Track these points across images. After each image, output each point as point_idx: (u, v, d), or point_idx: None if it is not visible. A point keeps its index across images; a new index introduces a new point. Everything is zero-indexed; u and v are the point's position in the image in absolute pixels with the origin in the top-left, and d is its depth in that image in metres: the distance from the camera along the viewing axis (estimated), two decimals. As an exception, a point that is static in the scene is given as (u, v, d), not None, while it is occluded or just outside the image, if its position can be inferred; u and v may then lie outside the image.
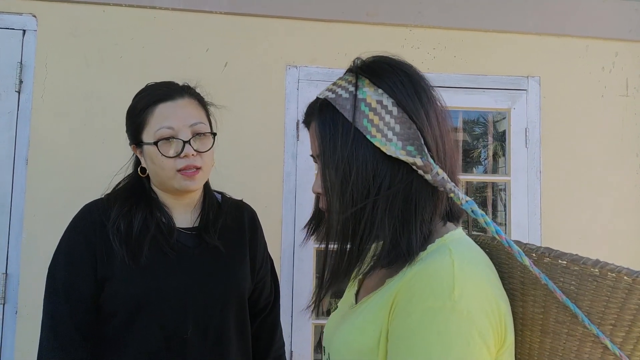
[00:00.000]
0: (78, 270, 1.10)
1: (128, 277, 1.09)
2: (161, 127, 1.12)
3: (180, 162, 1.12)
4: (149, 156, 1.15)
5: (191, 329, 1.11)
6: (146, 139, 1.14)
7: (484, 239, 0.82)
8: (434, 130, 0.71)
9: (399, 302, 0.67)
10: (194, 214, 1.22)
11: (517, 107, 2.05)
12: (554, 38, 2.08)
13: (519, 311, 0.73)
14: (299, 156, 1.92)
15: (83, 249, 1.11)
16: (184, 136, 1.12)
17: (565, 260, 0.67)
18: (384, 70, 0.74)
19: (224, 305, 1.17)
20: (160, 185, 1.18)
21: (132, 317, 1.09)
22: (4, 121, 1.81)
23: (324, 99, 0.75)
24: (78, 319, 1.09)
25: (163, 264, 1.12)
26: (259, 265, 1.29)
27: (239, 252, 1.24)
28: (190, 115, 1.15)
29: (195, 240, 1.18)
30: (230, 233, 1.23)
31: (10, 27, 1.84)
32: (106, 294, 1.10)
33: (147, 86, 1.21)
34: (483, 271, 0.69)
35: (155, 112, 1.13)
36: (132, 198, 1.16)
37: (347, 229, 0.71)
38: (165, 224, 1.16)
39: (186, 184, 1.14)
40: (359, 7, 1.98)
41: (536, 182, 2.02)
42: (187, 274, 1.14)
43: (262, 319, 1.32)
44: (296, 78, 1.94)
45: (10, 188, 1.80)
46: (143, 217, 1.14)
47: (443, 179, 0.70)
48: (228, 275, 1.19)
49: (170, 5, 1.90)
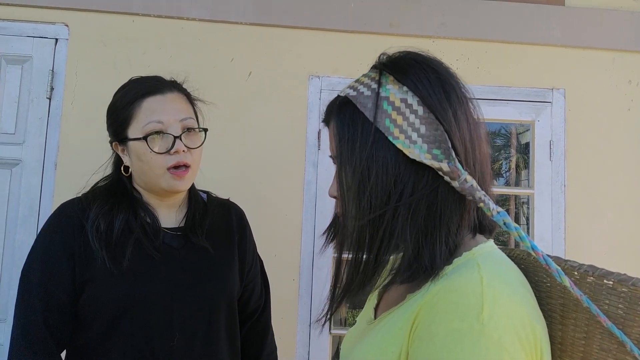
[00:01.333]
0: (54, 272, 1.03)
1: (110, 281, 1.02)
2: (150, 121, 1.05)
3: (170, 158, 1.05)
4: (135, 153, 1.07)
5: (178, 335, 1.04)
6: (132, 134, 1.06)
7: (519, 253, 0.74)
8: (463, 132, 0.65)
9: (421, 321, 0.61)
10: (180, 214, 1.15)
11: (542, 120, 2.02)
12: (579, 50, 2.06)
13: (557, 335, 0.65)
14: (320, 165, 1.93)
15: (60, 250, 1.04)
16: (174, 131, 1.05)
17: (612, 280, 0.59)
18: (410, 66, 0.67)
19: (213, 309, 1.10)
20: (145, 184, 1.10)
21: (114, 324, 1.02)
22: (35, 127, 1.87)
23: (345, 97, 0.69)
24: (53, 324, 1.02)
25: (147, 267, 1.05)
26: (248, 267, 1.22)
27: (228, 253, 1.17)
28: (180, 109, 1.09)
29: (181, 241, 1.11)
30: (218, 233, 1.17)
31: (44, 36, 1.90)
32: (86, 298, 1.03)
33: (131, 80, 1.14)
34: (516, 289, 0.61)
35: (143, 106, 1.06)
36: (113, 198, 1.09)
37: (364, 237, 0.65)
38: (150, 225, 1.08)
39: (175, 184, 1.07)
40: (382, 19, 1.99)
41: (560, 196, 1.99)
42: (174, 277, 1.07)
43: (252, 322, 1.25)
44: (318, 88, 1.96)
45: (39, 192, 1.85)
46: (125, 218, 1.06)
47: (472, 187, 0.63)
48: (217, 278, 1.12)
49: (197, 15, 1.94)
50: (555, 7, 2.06)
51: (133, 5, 1.92)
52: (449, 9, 2.02)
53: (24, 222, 1.83)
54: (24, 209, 1.84)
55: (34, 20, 1.90)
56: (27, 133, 1.87)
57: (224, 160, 1.88)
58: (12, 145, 1.86)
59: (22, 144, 1.86)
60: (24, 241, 1.82)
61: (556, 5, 2.06)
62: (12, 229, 1.83)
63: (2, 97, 1.87)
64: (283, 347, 1.84)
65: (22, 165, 1.85)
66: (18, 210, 1.83)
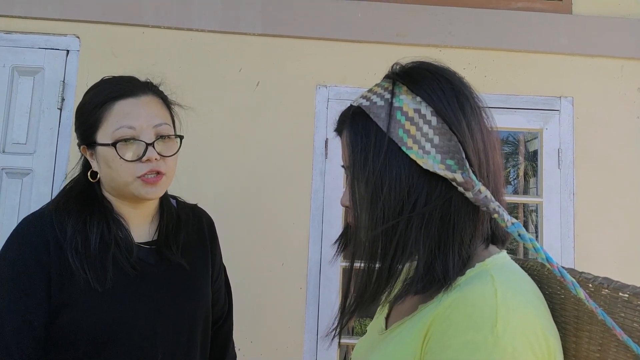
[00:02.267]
0: (27, 295, 0.93)
1: (91, 305, 0.94)
2: (121, 126, 0.97)
3: (141, 167, 0.97)
4: (103, 159, 0.99)
5: (161, 356, 0.99)
6: (101, 139, 0.99)
7: (532, 264, 0.73)
8: (477, 143, 0.65)
9: (433, 333, 0.60)
10: (153, 226, 1.08)
11: (550, 128, 2.02)
12: (587, 58, 2.05)
13: (571, 347, 0.64)
14: (327, 174, 1.93)
15: (33, 270, 0.94)
16: (146, 138, 0.98)
17: (627, 293, 0.58)
18: (424, 76, 0.67)
19: (192, 324, 1.06)
20: (114, 191, 1.02)
21: (96, 350, 0.94)
22: (46, 137, 1.90)
23: (358, 106, 0.69)
24: (26, 352, 0.92)
25: (127, 286, 0.98)
26: (216, 275, 1.18)
27: (203, 267, 1.13)
28: (154, 114, 1.01)
29: (155, 257, 1.04)
30: (192, 246, 1.11)
31: (55, 47, 1.93)
32: (63, 323, 0.94)
33: (103, 80, 1.06)
34: (530, 301, 0.61)
35: (113, 109, 0.99)
36: (85, 210, 1.00)
37: (376, 247, 0.65)
38: (123, 239, 1.01)
39: (146, 192, 0.99)
40: (389, 28, 2.01)
41: (569, 204, 1.98)
42: (154, 296, 1.01)
43: (215, 330, 1.21)
44: (326, 97, 1.97)
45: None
46: (99, 232, 0.98)
47: (486, 198, 0.62)
48: (194, 293, 1.08)
49: (206, 27, 1.96)
50: (563, 15, 2.06)
51: (143, 17, 1.95)
52: (456, 18, 2.02)
53: (35, 231, 1.85)
54: (34, 218, 1.85)
55: (45, 33, 1.93)
56: (38, 143, 1.89)
57: (231, 169, 1.89)
58: (24, 155, 1.88)
59: (33, 153, 1.89)
60: (34, 250, 1.83)
61: (564, 13, 2.07)
62: (23, 238, 1.84)
63: (14, 108, 1.90)
64: (290, 355, 1.84)
65: (33, 174, 1.88)
66: (29, 220, 1.85)
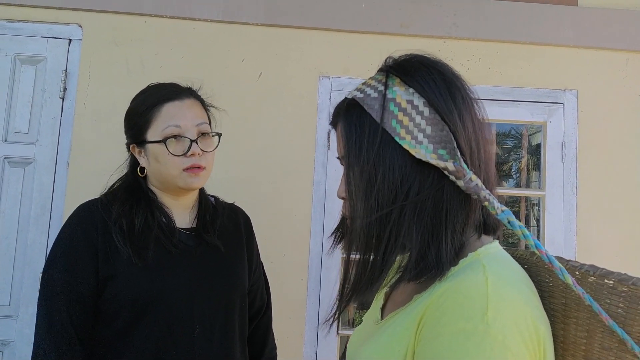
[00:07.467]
0: (78, 269, 1.07)
1: (133, 276, 1.07)
2: (169, 125, 1.12)
3: (186, 160, 1.12)
4: (153, 155, 1.14)
5: (198, 328, 1.10)
6: (151, 137, 1.14)
7: (522, 253, 0.75)
8: (468, 133, 0.66)
9: (427, 321, 0.62)
10: (192, 215, 1.22)
11: (554, 121, 2.01)
12: (592, 51, 2.03)
13: (559, 334, 0.66)
14: (329, 165, 1.93)
15: (83, 247, 1.08)
16: (190, 135, 1.13)
17: (613, 279, 0.60)
18: (416, 68, 0.69)
19: (228, 303, 1.17)
20: (161, 184, 1.17)
21: (137, 318, 1.07)
22: (48, 126, 1.89)
23: (352, 99, 0.70)
24: (77, 321, 1.06)
25: (168, 262, 1.11)
26: (254, 267, 1.30)
27: (238, 252, 1.25)
28: (196, 115, 1.16)
29: (195, 240, 1.18)
30: (228, 233, 1.24)
31: (58, 36, 1.93)
32: (108, 294, 1.08)
33: (149, 86, 1.21)
34: (520, 290, 0.62)
35: (162, 111, 1.14)
36: (131, 198, 1.15)
37: (371, 236, 0.67)
38: (166, 224, 1.15)
39: (191, 181, 1.13)
40: (393, 19, 1.99)
41: (572, 198, 1.97)
42: (192, 272, 1.13)
43: (257, 321, 1.32)
44: (328, 88, 1.96)
45: (52, 191, 1.87)
46: (144, 217, 1.13)
47: (477, 186, 0.64)
48: (230, 274, 1.20)
49: (209, 17, 1.95)
50: (568, 7, 2.04)
51: (145, 7, 1.94)
52: (461, 10, 2.01)
53: (37, 220, 1.85)
54: (36, 207, 1.86)
55: (48, 21, 1.92)
56: (40, 132, 1.89)
57: (233, 160, 1.89)
58: (26, 144, 1.88)
59: (35, 143, 1.89)
60: (36, 240, 1.84)
61: (569, 5, 2.05)
62: (25, 228, 1.85)
63: (16, 97, 1.90)
64: (291, 346, 1.84)
65: (35, 164, 1.88)
66: (30, 209, 1.86)
